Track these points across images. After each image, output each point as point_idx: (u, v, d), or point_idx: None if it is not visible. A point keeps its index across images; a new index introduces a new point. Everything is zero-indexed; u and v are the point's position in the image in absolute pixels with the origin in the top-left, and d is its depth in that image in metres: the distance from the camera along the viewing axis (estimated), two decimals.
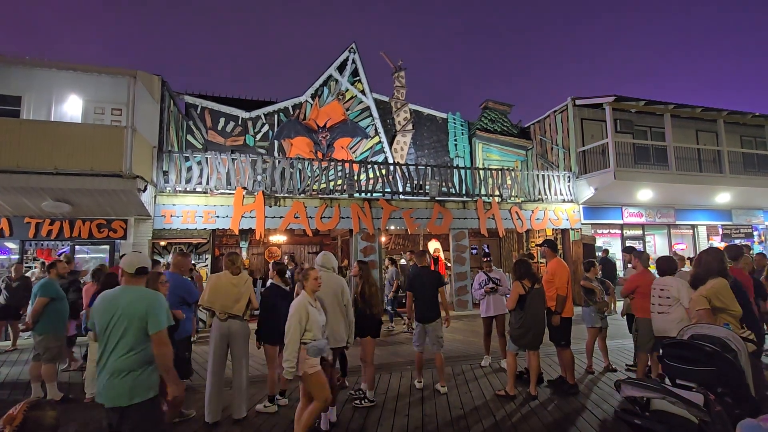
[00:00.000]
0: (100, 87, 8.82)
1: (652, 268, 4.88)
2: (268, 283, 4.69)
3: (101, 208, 8.40)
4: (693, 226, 13.60)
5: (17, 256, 8.63)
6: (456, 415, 4.21)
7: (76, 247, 9.00)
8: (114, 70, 8.18)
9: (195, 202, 9.28)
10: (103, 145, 7.59)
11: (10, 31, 62.72)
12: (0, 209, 8.09)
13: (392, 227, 11.15)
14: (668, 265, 4.42)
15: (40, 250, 8.88)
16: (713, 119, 13.07)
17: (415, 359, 5.09)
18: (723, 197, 12.74)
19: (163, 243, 9.20)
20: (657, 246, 13.64)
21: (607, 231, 12.88)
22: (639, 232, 13.18)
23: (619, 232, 12.93)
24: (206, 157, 9.49)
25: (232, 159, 9.63)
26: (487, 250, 14.80)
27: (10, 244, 8.81)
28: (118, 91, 8.46)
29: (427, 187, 10.98)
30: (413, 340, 5.07)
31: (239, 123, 12.56)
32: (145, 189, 8.19)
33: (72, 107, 9.26)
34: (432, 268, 5.23)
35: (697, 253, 11.49)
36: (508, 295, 5.90)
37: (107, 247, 9.04)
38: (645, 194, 11.93)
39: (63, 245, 8.90)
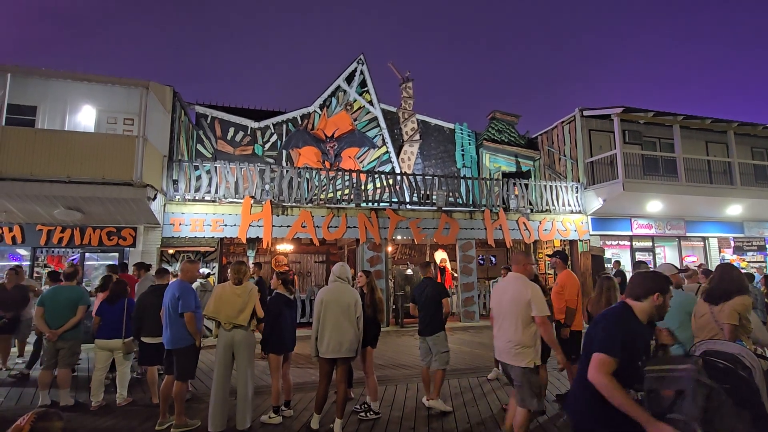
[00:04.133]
0: (113, 97, 9.01)
1: None
2: (272, 293, 4.69)
3: (111, 216, 8.51)
4: (704, 239, 13.40)
5: (29, 263, 8.75)
6: (462, 428, 4.15)
7: (86, 254, 9.10)
8: (127, 81, 8.35)
9: (203, 211, 9.37)
10: (115, 154, 7.73)
11: (23, 44, 64.43)
12: (13, 217, 8.23)
13: (399, 237, 11.13)
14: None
15: (50, 257, 8.99)
16: (723, 130, 12.96)
17: (422, 374, 4.85)
18: (734, 209, 12.57)
19: (171, 251, 9.27)
20: (667, 258, 13.44)
21: (616, 242, 12.73)
22: (649, 243, 13.01)
23: (629, 243, 12.77)
24: (215, 167, 9.60)
25: (241, 168, 9.73)
26: (493, 262, 14.70)
27: (22, 251, 8.94)
28: (131, 101, 8.63)
29: (434, 197, 10.97)
30: (419, 355, 4.88)
31: (248, 133, 12.71)
32: (155, 197, 8.29)
33: (85, 117, 9.46)
34: (438, 278, 5.18)
35: (707, 266, 11.30)
36: None
37: (116, 254, 9.13)
38: (654, 206, 11.81)
39: (73, 252, 9.01)
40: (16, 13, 61.89)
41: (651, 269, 2.46)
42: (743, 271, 7.54)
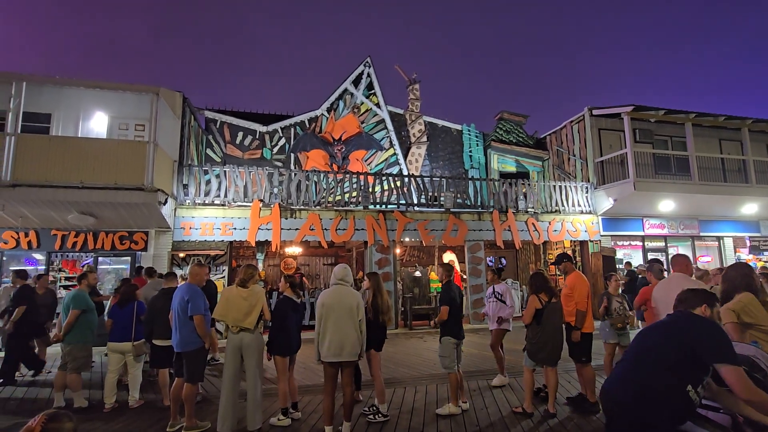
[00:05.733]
0: (125, 104, 9.17)
1: None
2: (281, 296, 4.70)
3: (124, 221, 8.65)
4: (718, 238, 13.15)
5: (44, 267, 8.93)
6: (471, 431, 4.12)
7: (99, 258, 9.26)
8: (138, 87, 8.49)
9: (213, 215, 9.47)
10: (127, 160, 7.86)
11: (36, 51, 65.94)
12: (29, 222, 8.41)
13: (407, 239, 11.12)
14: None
15: (65, 261, 9.17)
16: (737, 128, 12.73)
17: (453, 382, 4.56)
18: (750, 208, 12.32)
19: (182, 255, 9.38)
20: None
21: (627, 243, 12.56)
22: (661, 243, 12.81)
23: (641, 243, 12.59)
24: (224, 171, 9.70)
25: (250, 172, 9.82)
26: (503, 263, 14.59)
27: (38, 256, 9.13)
28: (142, 107, 8.77)
29: (441, 198, 10.94)
30: (448, 361, 4.56)
31: (257, 137, 12.83)
32: (166, 202, 8.40)
33: (98, 123, 9.64)
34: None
35: (724, 266, 11.09)
36: (503, 312, 5.81)
37: (129, 258, 9.28)
38: (667, 205, 11.63)
39: (87, 257, 9.18)
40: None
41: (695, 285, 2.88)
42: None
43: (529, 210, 11.50)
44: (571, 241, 12.02)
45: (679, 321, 2.32)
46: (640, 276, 8.72)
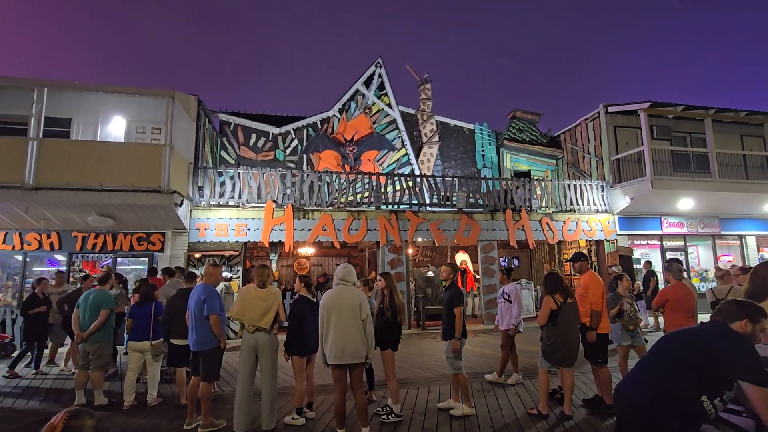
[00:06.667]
0: (142, 107, 9.36)
1: (696, 282, 4.64)
2: (295, 296, 4.75)
3: (141, 222, 8.84)
4: (740, 237, 12.79)
5: (65, 268, 9.17)
6: None
7: (118, 259, 9.47)
8: (154, 91, 8.67)
9: (228, 216, 9.60)
10: (144, 163, 8.03)
11: (44, 55, 67.66)
12: (51, 224, 8.66)
13: (419, 239, 11.09)
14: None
15: (85, 262, 9.41)
16: (759, 123, 12.36)
17: (464, 382, 4.51)
18: None
19: (197, 255, 9.54)
20: (701, 258, 12.90)
21: (645, 242, 12.31)
22: (680, 243, 12.52)
23: (659, 243, 12.32)
24: (238, 172, 9.83)
25: (263, 173, 9.92)
26: (515, 264, 14.46)
27: (59, 257, 9.39)
28: (158, 111, 8.94)
29: (454, 198, 10.89)
30: (459, 363, 4.49)
31: (270, 138, 12.95)
32: (182, 203, 8.55)
33: (116, 127, 9.86)
34: (459, 280, 5.11)
35: (746, 265, 10.78)
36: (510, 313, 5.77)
37: (146, 259, 9.47)
38: (686, 203, 11.35)
39: (106, 257, 9.40)
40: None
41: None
42: None
43: (542, 209, 11.35)
44: (586, 240, 11.84)
45: (708, 330, 2.21)
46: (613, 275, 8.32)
